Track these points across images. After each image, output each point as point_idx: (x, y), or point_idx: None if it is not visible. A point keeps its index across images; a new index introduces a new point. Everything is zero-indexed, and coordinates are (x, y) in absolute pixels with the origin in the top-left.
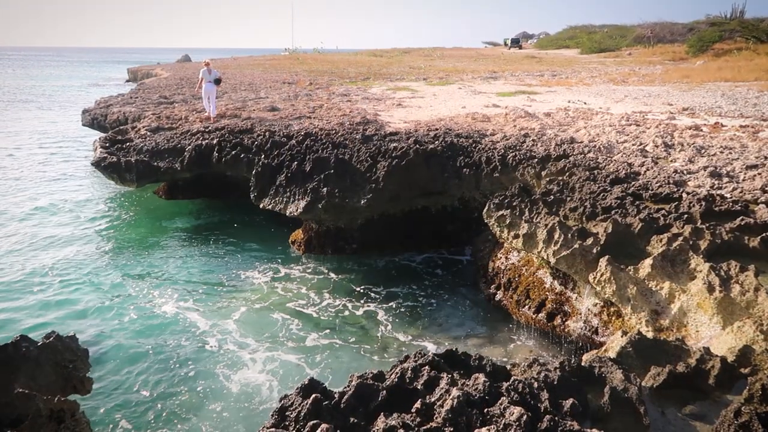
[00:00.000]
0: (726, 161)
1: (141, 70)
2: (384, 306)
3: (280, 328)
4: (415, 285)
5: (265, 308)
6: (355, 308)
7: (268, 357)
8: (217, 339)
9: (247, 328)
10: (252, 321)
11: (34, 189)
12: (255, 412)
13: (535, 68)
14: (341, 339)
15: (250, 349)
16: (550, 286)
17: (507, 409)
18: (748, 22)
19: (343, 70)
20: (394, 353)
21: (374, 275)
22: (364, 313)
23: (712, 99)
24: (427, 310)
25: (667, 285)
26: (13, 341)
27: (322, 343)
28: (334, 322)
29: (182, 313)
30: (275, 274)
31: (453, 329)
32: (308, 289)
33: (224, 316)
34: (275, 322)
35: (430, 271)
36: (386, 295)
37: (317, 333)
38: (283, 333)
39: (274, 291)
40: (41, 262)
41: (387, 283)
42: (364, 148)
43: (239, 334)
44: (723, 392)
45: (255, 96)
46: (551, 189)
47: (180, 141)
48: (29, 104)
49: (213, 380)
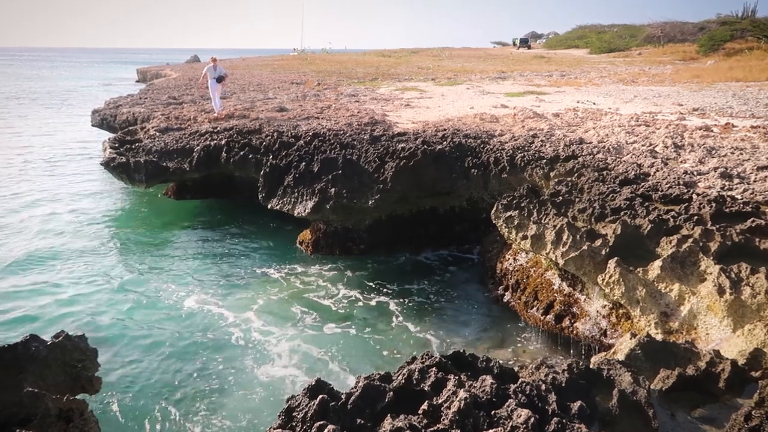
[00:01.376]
0: (737, 162)
1: (150, 70)
2: (397, 301)
3: (301, 320)
4: (426, 281)
5: (284, 301)
6: (369, 301)
7: (291, 348)
8: (242, 330)
9: (269, 320)
10: (272, 313)
11: (44, 188)
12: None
13: (543, 68)
14: (359, 331)
15: (274, 340)
16: (558, 287)
17: (514, 411)
18: (759, 21)
19: (352, 71)
20: (411, 346)
21: (386, 271)
22: (378, 306)
23: (723, 99)
24: (436, 308)
25: (676, 287)
26: (22, 340)
27: (341, 334)
28: (351, 314)
29: (202, 307)
30: (290, 270)
31: (461, 329)
32: (323, 283)
33: (244, 308)
34: (294, 315)
35: (442, 268)
36: (399, 291)
37: (335, 324)
38: (303, 324)
39: (290, 285)
40: (51, 260)
41: (399, 280)
42: (372, 148)
43: (261, 325)
44: (733, 396)
45: (263, 96)
46: (560, 190)
47: (189, 141)
48: (41, 104)
49: (238, 372)
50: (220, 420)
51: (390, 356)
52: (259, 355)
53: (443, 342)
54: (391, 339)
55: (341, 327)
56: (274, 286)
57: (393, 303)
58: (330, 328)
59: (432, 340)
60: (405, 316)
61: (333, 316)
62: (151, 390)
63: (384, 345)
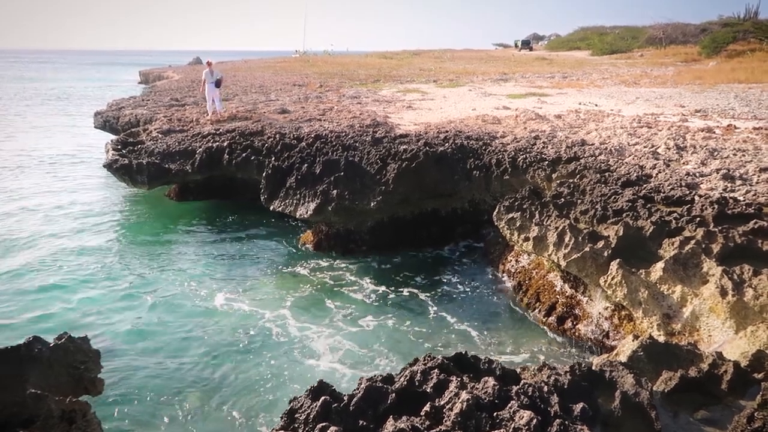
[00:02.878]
0: (739, 163)
1: (152, 72)
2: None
3: (335, 315)
4: (431, 278)
5: (311, 297)
6: (399, 295)
7: (331, 344)
8: (276, 325)
9: (302, 315)
10: (304, 308)
11: (45, 191)
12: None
13: (545, 70)
14: (398, 324)
15: (312, 335)
16: (560, 289)
17: (517, 412)
18: (762, 23)
19: (353, 72)
20: (450, 339)
21: (413, 266)
22: (409, 299)
23: (725, 101)
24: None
25: (679, 289)
26: (25, 342)
27: (378, 327)
28: (382, 308)
29: (229, 305)
30: (301, 267)
31: (468, 327)
32: (346, 279)
33: (274, 305)
34: (328, 311)
35: (454, 261)
36: (427, 285)
37: (372, 317)
38: (338, 318)
39: (311, 281)
40: (53, 262)
41: (405, 276)
42: (374, 150)
43: (295, 320)
44: (736, 397)
45: (265, 98)
46: (562, 191)
47: (191, 143)
48: (42, 105)
49: (276, 368)
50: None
51: (432, 348)
52: (297, 351)
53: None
54: (430, 332)
55: (377, 321)
56: (290, 283)
57: (422, 295)
58: (366, 322)
59: (470, 332)
60: (438, 308)
61: (366, 310)
62: (164, 392)
63: (424, 337)
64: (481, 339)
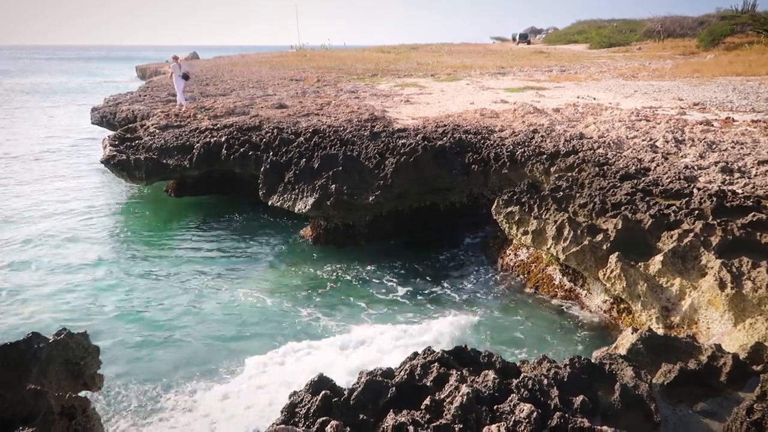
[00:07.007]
0: (737, 156)
1: (149, 67)
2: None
3: (334, 306)
4: (429, 272)
5: (310, 289)
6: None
7: (327, 335)
8: (276, 316)
9: (301, 307)
10: (303, 300)
11: (43, 187)
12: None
13: (543, 64)
14: (393, 315)
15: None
16: (559, 282)
17: (517, 405)
18: (760, 16)
19: (351, 67)
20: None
21: (389, 263)
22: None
23: (723, 94)
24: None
25: (677, 281)
26: (24, 338)
27: (376, 318)
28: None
29: (229, 298)
30: (301, 260)
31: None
32: (336, 274)
33: (273, 298)
34: (328, 302)
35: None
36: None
37: (371, 309)
38: (335, 310)
39: (308, 274)
40: (52, 258)
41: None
42: (372, 144)
43: (295, 312)
44: (735, 389)
45: (263, 93)
46: (560, 185)
47: (188, 139)
48: (39, 100)
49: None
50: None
51: (431, 342)
52: (297, 343)
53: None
54: (428, 326)
55: (376, 312)
56: (290, 276)
57: (421, 289)
58: (366, 314)
59: (470, 325)
60: (437, 302)
61: (365, 303)
62: (163, 385)
63: (421, 330)
64: (480, 332)
